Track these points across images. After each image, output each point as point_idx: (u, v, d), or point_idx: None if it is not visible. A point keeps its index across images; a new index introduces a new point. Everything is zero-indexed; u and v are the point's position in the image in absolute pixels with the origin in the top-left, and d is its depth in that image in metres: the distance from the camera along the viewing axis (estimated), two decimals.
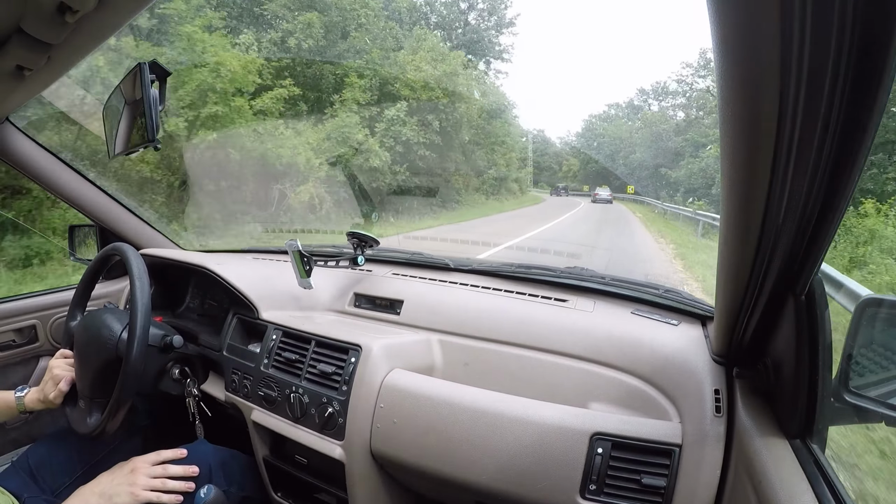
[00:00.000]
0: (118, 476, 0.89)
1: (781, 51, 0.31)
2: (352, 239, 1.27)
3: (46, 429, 1.36)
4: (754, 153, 0.39)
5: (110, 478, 0.88)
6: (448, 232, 8.66)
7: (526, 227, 9.51)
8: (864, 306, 0.64)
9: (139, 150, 0.87)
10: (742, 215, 0.47)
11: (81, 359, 1.01)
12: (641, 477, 0.72)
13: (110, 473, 0.89)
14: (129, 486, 0.87)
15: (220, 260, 1.29)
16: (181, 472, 0.93)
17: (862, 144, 0.37)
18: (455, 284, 1.22)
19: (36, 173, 1.29)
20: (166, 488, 0.90)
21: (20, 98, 1.01)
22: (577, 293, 1.11)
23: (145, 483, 0.88)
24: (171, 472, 0.92)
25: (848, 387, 0.62)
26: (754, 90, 0.35)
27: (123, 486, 0.87)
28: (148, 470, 0.90)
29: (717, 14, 0.32)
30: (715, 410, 0.74)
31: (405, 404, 0.89)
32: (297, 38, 10.71)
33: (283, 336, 1.08)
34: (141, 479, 0.88)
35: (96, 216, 1.46)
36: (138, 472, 0.89)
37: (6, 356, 1.33)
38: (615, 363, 0.91)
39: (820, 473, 0.54)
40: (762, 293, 0.56)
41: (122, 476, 0.88)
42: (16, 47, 0.68)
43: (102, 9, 0.61)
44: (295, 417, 0.98)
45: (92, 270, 1.12)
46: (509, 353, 1.00)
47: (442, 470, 0.84)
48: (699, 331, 0.95)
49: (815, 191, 0.42)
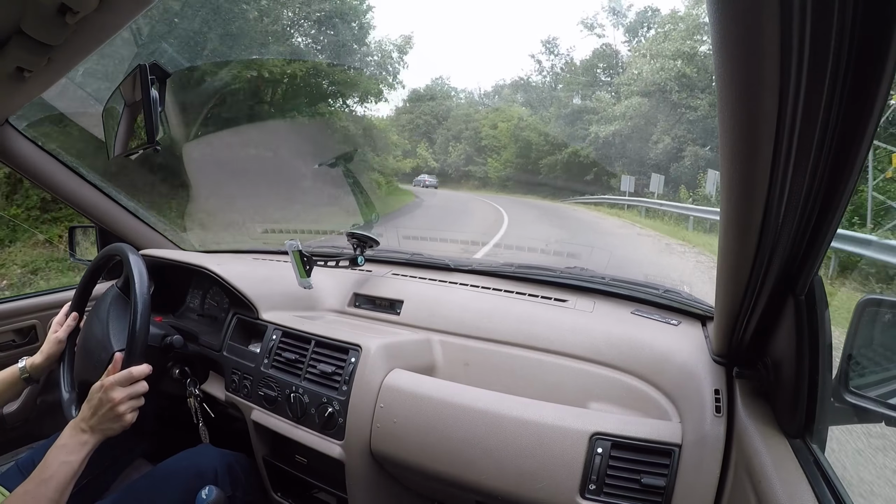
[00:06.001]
0: (98, 408, 0.85)
1: (781, 51, 0.31)
2: (352, 239, 1.27)
3: (48, 429, 1.36)
4: (754, 153, 0.39)
5: (90, 412, 0.85)
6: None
7: None
8: (864, 306, 0.64)
9: (140, 152, 0.87)
10: (742, 215, 0.47)
11: (82, 358, 1.01)
12: (641, 477, 0.72)
13: (90, 406, 0.86)
14: (114, 416, 0.85)
15: (220, 260, 1.29)
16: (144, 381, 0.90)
17: (861, 144, 0.37)
18: (455, 284, 1.22)
19: (36, 175, 1.29)
20: (141, 403, 0.88)
21: (20, 100, 1.01)
22: (577, 293, 1.11)
23: (128, 406, 0.86)
24: (142, 389, 0.89)
25: (848, 387, 0.62)
26: (754, 90, 0.35)
27: (108, 416, 0.85)
28: (124, 393, 0.87)
29: (716, 14, 0.32)
30: (715, 410, 0.74)
31: (405, 404, 0.89)
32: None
33: (283, 336, 1.08)
34: (122, 406, 0.86)
35: (96, 216, 1.46)
36: (117, 400, 0.85)
37: (6, 356, 1.33)
38: (615, 363, 0.91)
39: (820, 473, 0.54)
40: (762, 293, 0.56)
41: (103, 409, 0.85)
42: (16, 49, 0.68)
43: (103, 10, 0.61)
44: (295, 417, 0.98)
45: (92, 270, 1.13)
46: (509, 353, 1.00)
47: (442, 469, 0.84)
48: (699, 331, 0.95)
49: (815, 191, 0.42)
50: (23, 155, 1.24)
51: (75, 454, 0.81)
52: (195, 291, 1.42)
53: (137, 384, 0.89)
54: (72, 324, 1.09)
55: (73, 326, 1.10)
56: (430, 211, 12.91)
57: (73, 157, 1.36)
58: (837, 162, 0.39)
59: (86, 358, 1.00)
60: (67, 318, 1.10)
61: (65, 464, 0.80)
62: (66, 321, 1.09)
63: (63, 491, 0.79)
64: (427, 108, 33.46)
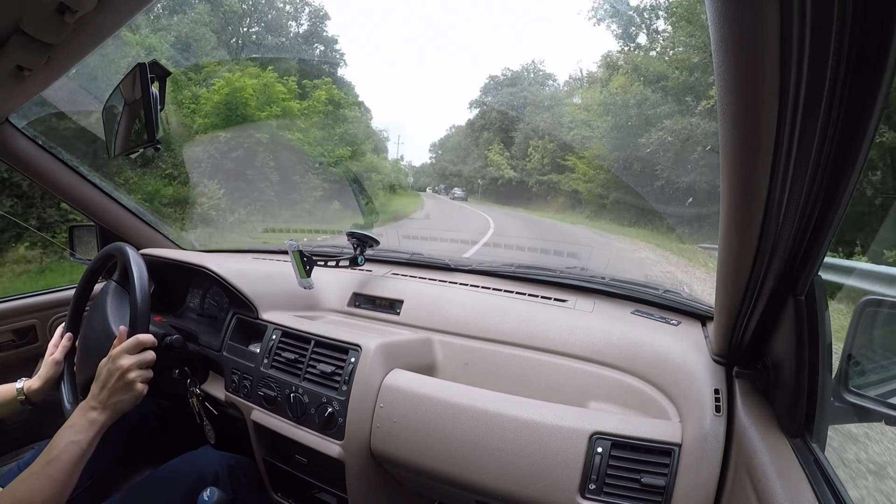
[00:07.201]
0: (107, 380, 0.83)
1: (781, 51, 0.31)
2: (352, 239, 1.27)
3: (49, 429, 1.36)
4: (754, 153, 0.39)
5: (98, 388, 0.83)
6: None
7: None
8: (864, 306, 0.64)
9: (140, 151, 0.87)
10: (742, 215, 0.47)
11: (84, 353, 1.01)
12: (641, 476, 0.72)
13: (98, 383, 0.83)
14: (124, 385, 0.82)
15: (220, 260, 1.29)
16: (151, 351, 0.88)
17: (862, 145, 0.37)
18: (455, 284, 1.22)
19: (36, 173, 1.29)
20: (150, 373, 0.86)
21: (20, 98, 1.01)
22: (577, 293, 1.11)
23: (138, 374, 0.84)
24: (151, 357, 0.87)
25: (848, 386, 0.63)
26: (754, 90, 0.35)
27: (119, 387, 0.82)
28: (132, 360, 0.84)
29: (716, 14, 0.32)
30: (715, 410, 0.74)
31: (405, 404, 0.89)
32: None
33: (282, 336, 1.08)
34: (132, 373, 0.83)
35: (96, 216, 1.46)
36: (126, 366, 0.83)
37: (6, 356, 1.33)
38: (615, 363, 0.91)
39: (820, 472, 0.54)
40: (762, 293, 0.56)
41: (113, 380, 0.83)
42: (15, 47, 0.68)
43: (102, 9, 0.61)
44: (295, 417, 0.98)
45: (91, 270, 1.12)
46: (509, 353, 1.00)
47: (442, 469, 0.84)
48: (699, 331, 0.95)
49: (815, 191, 0.42)
50: (22, 153, 1.24)
51: (84, 433, 0.78)
52: (195, 291, 1.42)
53: (145, 353, 0.86)
54: (67, 344, 1.06)
55: (70, 347, 1.06)
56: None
57: (74, 156, 1.36)
58: (837, 162, 0.39)
59: (88, 353, 0.99)
60: (63, 338, 1.07)
61: (72, 443, 0.76)
62: (61, 342, 1.06)
63: (70, 472, 0.75)
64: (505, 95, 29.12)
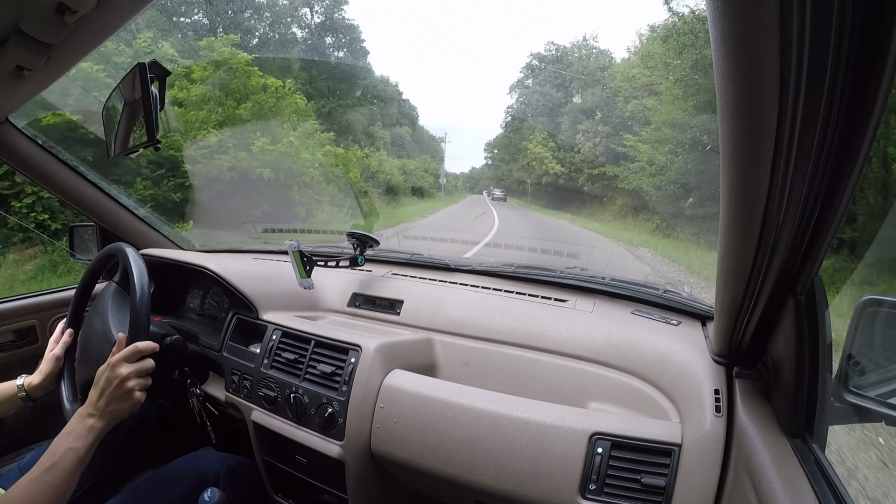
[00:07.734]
0: (105, 388, 0.82)
1: (781, 51, 0.31)
2: (352, 239, 1.27)
3: (50, 430, 1.36)
4: (754, 153, 0.39)
5: (97, 395, 0.82)
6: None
7: None
8: (864, 306, 0.64)
9: (140, 151, 0.86)
10: (742, 215, 0.47)
11: (84, 356, 1.01)
12: (641, 476, 0.72)
13: (96, 389, 0.83)
14: (122, 393, 0.82)
15: (220, 260, 1.29)
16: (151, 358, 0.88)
17: (862, 145, 0.37)
18: (455, 284, 1.22)
19: (36, 173, 1.29)
20: (149, 381, 0.86)
21: (20, 98, 1.01)
22: (577, 293, 1.11)
23: (136, 382, 0.84)
24: (150, 366, 0.87)
25: (848, 386, 0.62)
26: (754, 90, 0.35)
27: (116, 395, 0.82)
28: (131, 368, 0.84)
29: (716, 13, 0.32)
30: (715, 410, 0.74)
31: (405, 404, 0.89)
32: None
33: (282, 336, 1.08)
34: (130, 381, 0.83)
35: (96, 216, 1.46)
36: (124, 375, 0.83)
37: (6, 356, 1.32)
38: (615, 363, 0.91)
39: (820, 472, 0.54)
40: (762, 293, 0.56)
41: (111, 388, 0.82)
42: (15, 47, 0.68)
43: (101, 9, 0.61)
44: (295, 418, 0.98)
45: (92, 270, 1.12)
46: (509, 353, 1.00)
47: (442, 470, 0.84)
48: (699, 331, 0.95)
49: (815, 191, 0.42)
50: (22, 153, 1.24)
51: (82, 440, 0.78)
52: (195, 291, 1.42)
53: (144, 361, 0.86)
54: (68, 340, 1.06)
55: (70, 343, 1.06)
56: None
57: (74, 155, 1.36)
58: (837, 162, 0.39)
59: (87, 355, 0.99)
60: (63, 334, 1.07)
61: (71, 450, 0.76)
62: (62, 338, 1.06)
63: (68, 479, 0.75)
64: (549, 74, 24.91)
